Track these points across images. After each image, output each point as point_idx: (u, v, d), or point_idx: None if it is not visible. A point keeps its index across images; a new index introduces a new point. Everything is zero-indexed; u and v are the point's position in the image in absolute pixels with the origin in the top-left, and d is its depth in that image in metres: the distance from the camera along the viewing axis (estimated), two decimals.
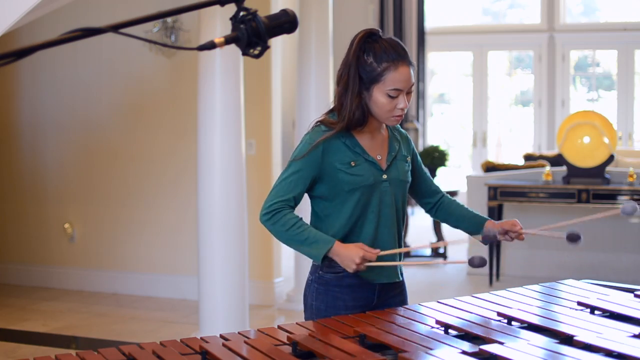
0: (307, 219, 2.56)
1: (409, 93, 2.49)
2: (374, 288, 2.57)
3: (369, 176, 2.51)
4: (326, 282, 2.55)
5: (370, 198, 2.52)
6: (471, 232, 2.70)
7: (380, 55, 2.44)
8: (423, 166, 2.73)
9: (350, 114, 2.47)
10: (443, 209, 2.75)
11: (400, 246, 2.62)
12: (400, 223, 2.61)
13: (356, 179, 2.49)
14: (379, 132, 2.58)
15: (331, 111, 2.57)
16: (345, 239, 2.52)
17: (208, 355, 2.04)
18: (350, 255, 2.40)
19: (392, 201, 2.56)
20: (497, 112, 11.68)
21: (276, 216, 2.50)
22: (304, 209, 2.57)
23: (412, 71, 2.48)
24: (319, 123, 2.55)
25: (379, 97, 2.46)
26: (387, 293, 2.60)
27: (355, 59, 2.46)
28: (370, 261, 2.42)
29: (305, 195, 2.56)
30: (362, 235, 2.53)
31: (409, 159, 2.63)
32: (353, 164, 2.49)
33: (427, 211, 2.78)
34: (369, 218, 2.53)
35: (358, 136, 2.53)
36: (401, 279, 2.65)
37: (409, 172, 2.62)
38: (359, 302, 2.54)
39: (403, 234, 2.65)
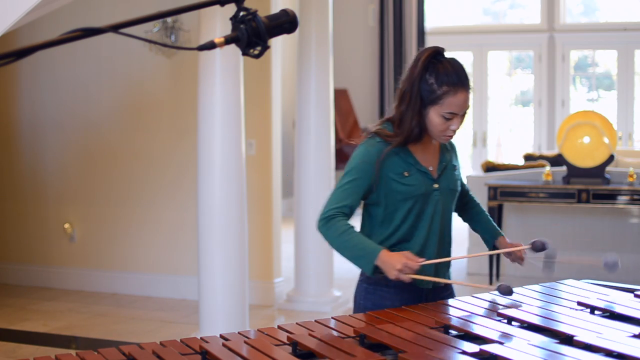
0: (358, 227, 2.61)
1: (462, 115, 2.55)
2: (422, 291, 2.62)
3: (421, 186, 2.57)
4: (375, 282, 2.61)
5: (423, 207, 2.58)
6: (485, 239, 2.83)
7: (442, 77, 2.49)
8: (460, 171, 2.81)
9: (410, 130, 2.53)
10: (468, 212, 2.86)
11: (449, 254, 2.67)
12: (449, 231, 2.68)
13: (409, 188, 2.55)
14: (431, 142, 2.63)
15: (387, 121, 2.62)
16: (396, 245, 2.57)
17: (208, 355, 2.04)
18: (392, 261, 2.43)
19: (442, 210, 2.62)
20: (497, 112, 11.69)
21: (330, 222, 2.54)
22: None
23: (469, 95, 2.54)
24: (373, 134, 2.59)
25: (434, 118, 2.52)
26: (436, 296, 2.65)
27: (419, 78, 2.51)
28: (413, 271, 2.43)
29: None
30: (412, 243, 2.58)
31: (458, 168, 2.72)
32: (406, 174, 2.56)
33: (455, 210, 2.85)
34: (420, 226, 2.59)
35: (411, 147, 2.59)
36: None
37: (459, 182, 2.71)
38: (405, 303, 2.57)
39: (452, 241, 2.71)
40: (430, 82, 2.50)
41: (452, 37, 11.57)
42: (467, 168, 11.61)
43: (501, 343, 2.04)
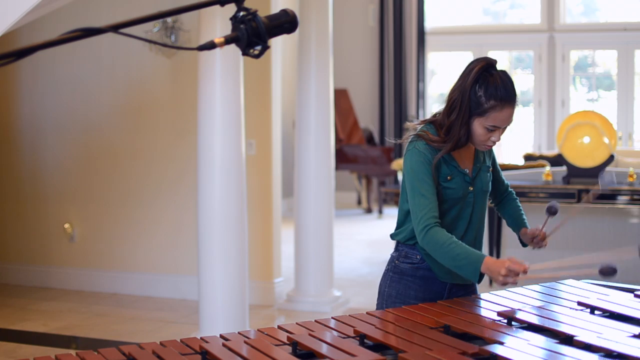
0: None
1: (505, 128, 2.61)
2: (445, 284, 2.67)
3: (459, 189, 2.62)
4: (401, 271, 2.68)
5: (460, 210, 2.63)
6: (513, 230, 2.90)
7: (491, 91, 2.53)
8: (498, 166, 2.85)
9: (457, 138, 2.58)
10: (503, 205, 2.92)
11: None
12: (481, 231, 2.72)
13: (448, 191, 2.60)
14: (469, 145, 2.67)
15: (430, 123, 2.65)
16: None
17: (208, 355, 2.04)
18: (497, 267, 2.43)
19: (477, 212, 2.67)
20: None
21: (429, 234, 2.53)
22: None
23: (514, 111, 2.59)
24: (417, 136, 2.61)
25: (477, 128, 2.58)
26: (458, 291, 2.69)
27: (469, 88, 2.55)
28: (518, 275, 2.41)
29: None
30: None
31: (490, 169, 2.76)
32: (449, 178, 2.61)
33: (491, 202, 2.92)
34: (457, 227, 2.63)
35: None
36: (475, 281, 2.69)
37: (490, 182, 2.75)
38: (428, 294, 2.65)
39: (482, 241, 2.75)
40: (479, 94, 2.54)
41: (452, 37, 11.57)
42: (491, 178, 11.61)
43: (501, 343, 2.04)
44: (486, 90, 2.53)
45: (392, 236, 2.76)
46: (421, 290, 2.66)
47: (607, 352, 1.95)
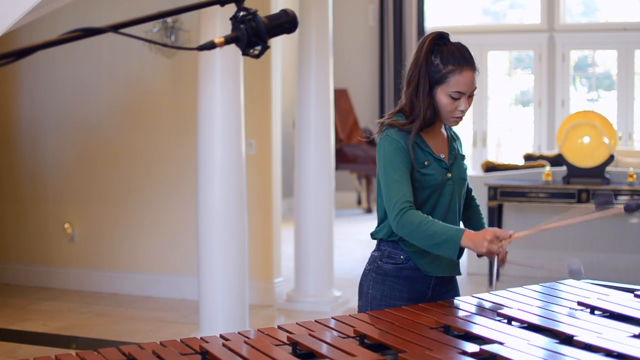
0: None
1: (470, 96, 2.57)
2: (430, 282, 2.63)
3: (438, 175, 2.58)
4: (384, 272, 2.63)
5: (438, 197, 2.59)
6: None
7: (446, 57, 2.53)
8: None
9: (424, 113, 2.54)
10: (465, 208, 2.82)
11: None
12: (459, 220, 2.69)
13: (427, 178, 2.56)
14: (441, 132, 2.66)
15: (398, 112, 2.62)
16: None
17: (208, 355, 2.04)
18: (481, 235, 2.42)
19: (455, 200, 2.64)
20: (497, 112, 11.68)
21: (403, 218, 2.48)
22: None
23: (475, 76, 2.56)
24: (388, 126, 2.57)
25: (441, 98, 2.55)
26: (441, 288, 2.66)
27: (425, 60, 2.54)
28: (501, 242, 2.42)
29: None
30: None
31: (465, 158, 2.74)
32: (426, 164, 2.57)
33: None
34: (435, 215, 2.58)
35: (425, 136, 2.60)
36: (460, 273, 2.69)
37: (466, 171, 2.72)
38: (413, 294, 2.61)
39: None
40: (436, 62, 2.53)
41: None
42: (467, 168, 11.60)
43: (501, 343, 2.04)
44: (442, 57, 2.53)
45: (373, 235, 2.68)
46: (405, 291, 2.61)
47: (607, 352, 1.95)
